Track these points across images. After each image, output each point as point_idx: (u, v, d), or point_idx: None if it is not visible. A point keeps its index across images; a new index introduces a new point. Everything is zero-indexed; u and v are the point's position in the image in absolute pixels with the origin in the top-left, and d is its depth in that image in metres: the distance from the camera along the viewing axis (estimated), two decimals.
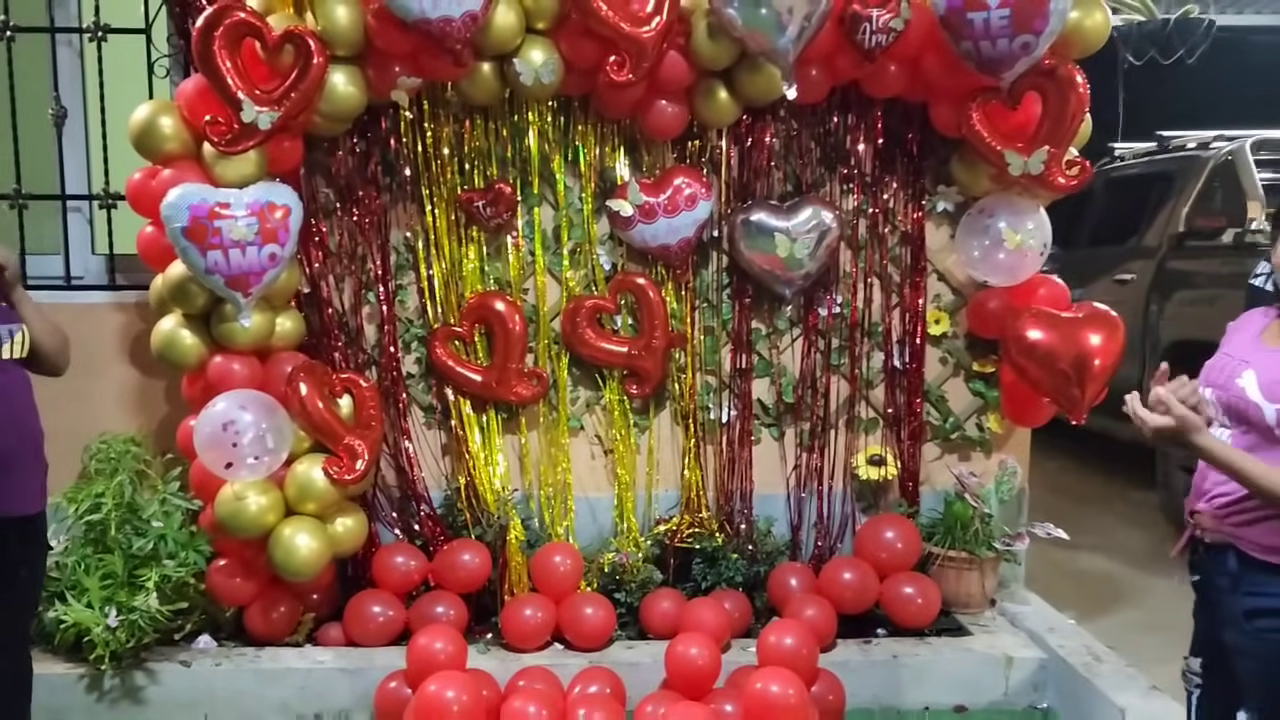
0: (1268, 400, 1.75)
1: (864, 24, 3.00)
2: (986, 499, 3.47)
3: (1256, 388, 1.77)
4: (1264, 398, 1.75)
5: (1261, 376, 1.77)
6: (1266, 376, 1.76)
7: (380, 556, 3.37)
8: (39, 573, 2.62)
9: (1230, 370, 1.85)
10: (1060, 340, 3.15)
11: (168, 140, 3.06)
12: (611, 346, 3.47)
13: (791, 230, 3.34)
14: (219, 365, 3.14)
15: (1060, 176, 3.10)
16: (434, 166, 3.41)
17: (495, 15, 2.99)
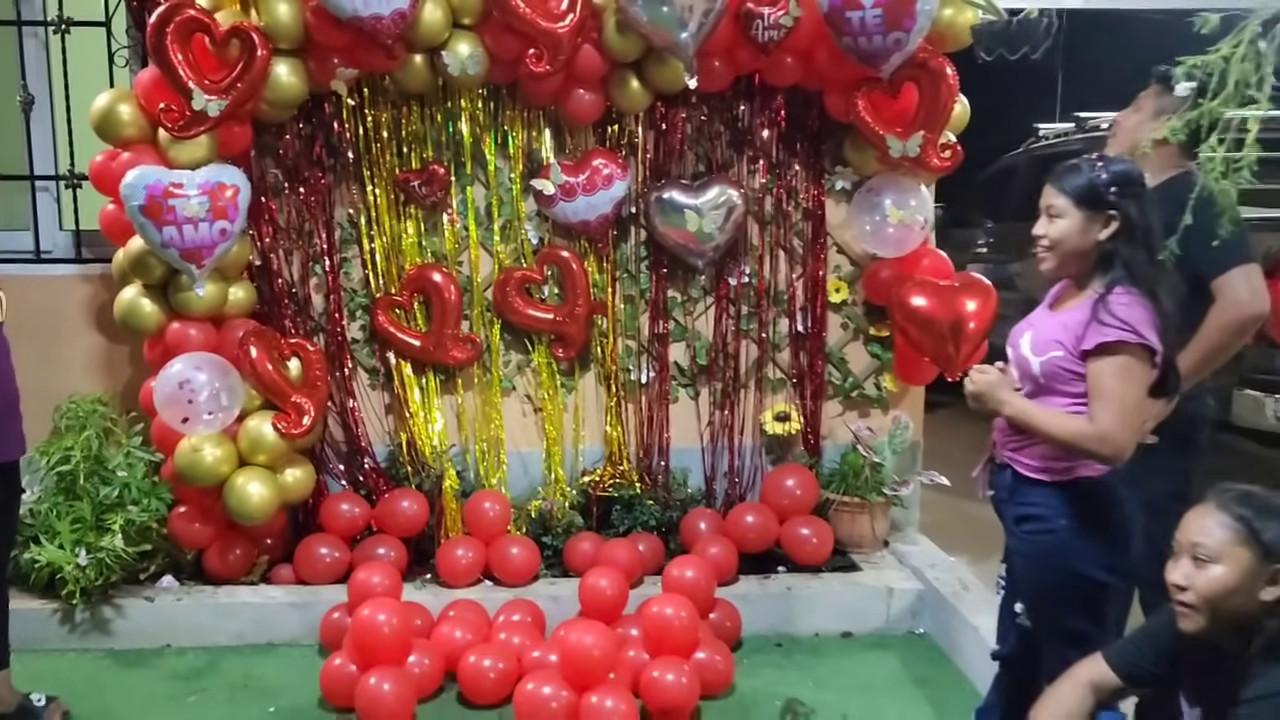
0: (1034, 355, 2.10)
1: (757, 20, 3.33)
2: (880, 450, 3.83)
3: (1029, 345, 2.13)
4: (1032, 353, 2.11)
5: (1036, 335, 2.13)
6: (1040, 335, 2.11)
7: (327, 504, 3.70)
8: (15, 515, 2.95)
9: (1018, 333, 2.21)
10: (939, 306, 3.52)
11: (126, 126, 3.35)
12: (539, 314, 3.80)
13: (701, 207, 3.68)
14: (176, 331, 3.44)
15: (935, 158, 3.45)
16: (374, 149, 3.72)
17: (423, 12, 3.30)
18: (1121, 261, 2.01)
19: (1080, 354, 2.00)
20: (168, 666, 3.29)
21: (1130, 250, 2.02)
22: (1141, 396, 1.99)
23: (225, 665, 3.29)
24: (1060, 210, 2.07)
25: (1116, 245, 2.03)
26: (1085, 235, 2.05)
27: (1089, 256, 2.06)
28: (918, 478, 3.88)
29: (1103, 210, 2.03)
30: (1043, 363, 2.07)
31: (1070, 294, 2.13)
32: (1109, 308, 1.96)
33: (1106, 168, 2.06)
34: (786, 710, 2.99)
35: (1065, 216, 2.06)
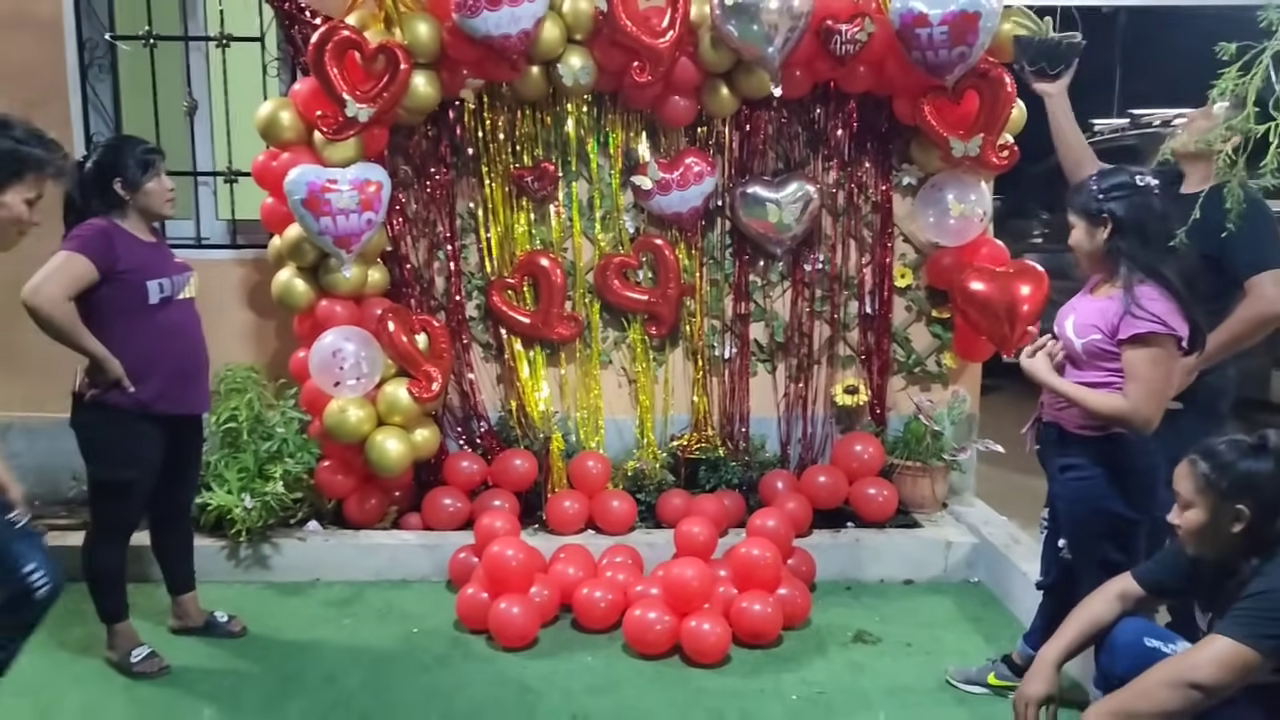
0: (1077, 336, 2.54)
1: (835, 36, 3.76)
2: (940, 420, 4.25)
3: (1072, 328, 2.56)
4: (1075, 335, 2.54)
5: (1077, 319, 2.56)
6: (1080, 319, 2.55)
7: (449, 461, 4.22)
8: (201, 461, 3.50)
9: (1063, 318, 2.63)
10: (996, 290, 3.92)
11: (286, 130, 3.88)
12: (634, 295, 4.27)
13: (781, 200, 4.11)
14: (325, 308, 3.97)
15: (994, 158, 3.85)
16: (491, 148, 4.21)
17: (543, 30, 3.78)
18: (1124, 255, 2.44)
19: (1116, 341, 2.42)
20: (320, 596, 3.83)
21: (1127, 244, 2.45)
22: (1169, 378, 2.42)
23: (368, 596, 3.82)
24: (1072, 223, 2.52)
25: (1114, 242, 2.45)
26: (1092, 239, 2.49)
27: (1102, 256, 2.49)
28: (974, 445, 4.29)
29: (1098, 216, 2.46)
30: (1084, 344, 2.50)
31: (1103, 283, 2.56)
32: (1139, 302, 2.38)
33: (1099, 179, 2.48)
34: (857, 638, 3.44)
35: (1075, 227, 2.51)
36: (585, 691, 3.08)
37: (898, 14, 3.67)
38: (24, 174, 2.32)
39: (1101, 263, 2.51)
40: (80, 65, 4.25)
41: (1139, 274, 2.41)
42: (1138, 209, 2.44)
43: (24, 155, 2.31)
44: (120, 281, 3.00)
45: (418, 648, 3.39)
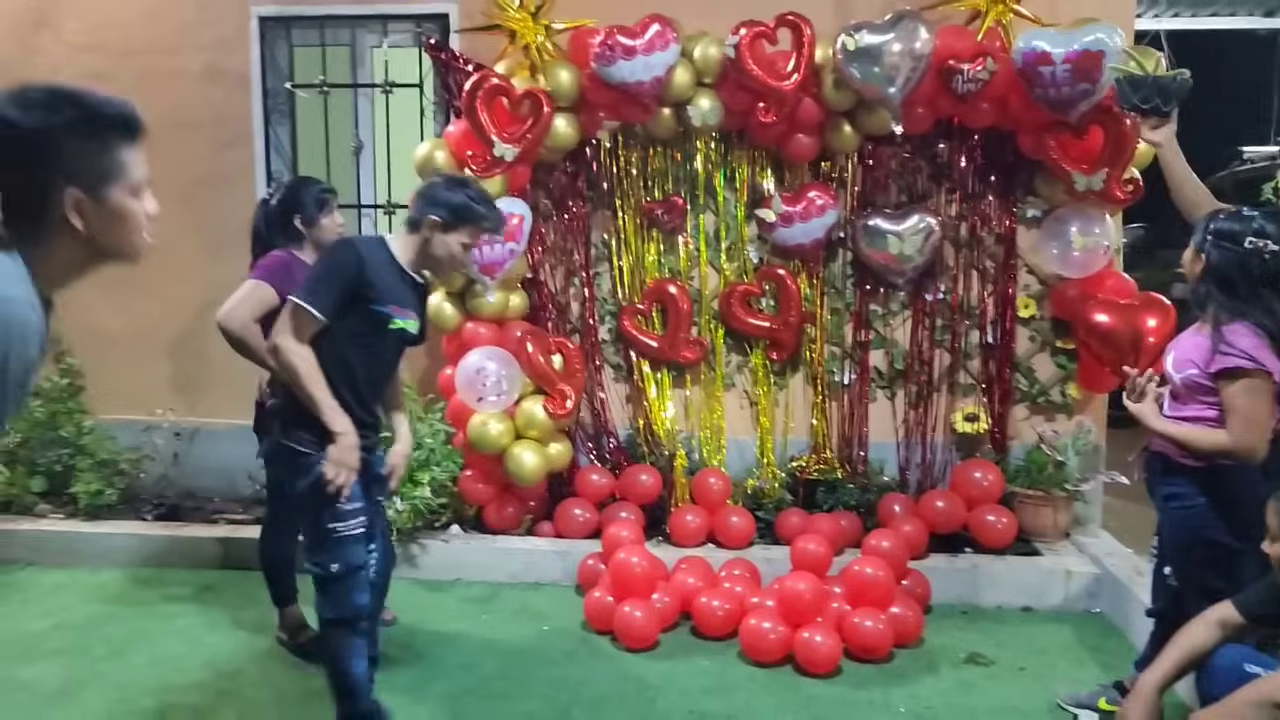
0: (1175, 371, 2.61)
1: (957, 75, 3.89)
2: (1063, 450, 4.27)
3: (1171, 363, 2.63)
4: (1174, 370, 2.62)
5: (1176, 355, 2.63)
6: (1180, 355, 2.62)
7: (580, 474, 4.51)
8: None
9: (1166, 352, 2.71)
10: (1121, 322, 3.95)
11: (440, 167, 4.27)
12: (757, 322, 4.47)
13: (902, 232, 4.25)
14: (470, 329, 4.33)
15: (1118, 192, 3.89)
16: (625, 184, 4.51)
17: (675, 75, 4.05)
18: (1206, 294, 2.50)
19: (1210, 375, 2.49)
20: (460, 594, 4.16)
21: (1214, 289, 2.50)
22: (1267, 408, 2.47)
23: (503, 596, 4.13)
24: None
25: (1204, 283, 2.51)
26: (1191, 268, 2.56)
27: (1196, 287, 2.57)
28: (1099, 476, 4.28)
29: (1198, 250, 2.53)
30: (1182, 378, 2.58)
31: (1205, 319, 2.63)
32: (1226, 339, 2.45)
33: (1223, 220, 2.55)
34: (969, 659, 3.52)
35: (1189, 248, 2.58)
36: (701, 692, 3.28)
37: (1020, 53, 3.78)
38: (467, 224, 2.75)
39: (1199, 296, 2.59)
40: (264, 112, 4.77)
41: (1225, 315, 2.48)
42: (1231, 267, 2.51)
43: (472, 210, 2.75)
44: None
45: (548, 644, 3.67)
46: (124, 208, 1.54)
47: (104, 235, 1.53)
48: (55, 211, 1.48)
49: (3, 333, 1.41)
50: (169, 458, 4.86)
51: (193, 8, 4.72)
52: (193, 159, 4.79)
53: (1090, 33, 3.68)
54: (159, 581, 4.20)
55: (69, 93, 1.48)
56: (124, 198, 1.54)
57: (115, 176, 1.53)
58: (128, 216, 1.55)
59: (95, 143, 1.51)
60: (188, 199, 4.79)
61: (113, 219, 1.53)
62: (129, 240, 1.57)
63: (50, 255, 1.51)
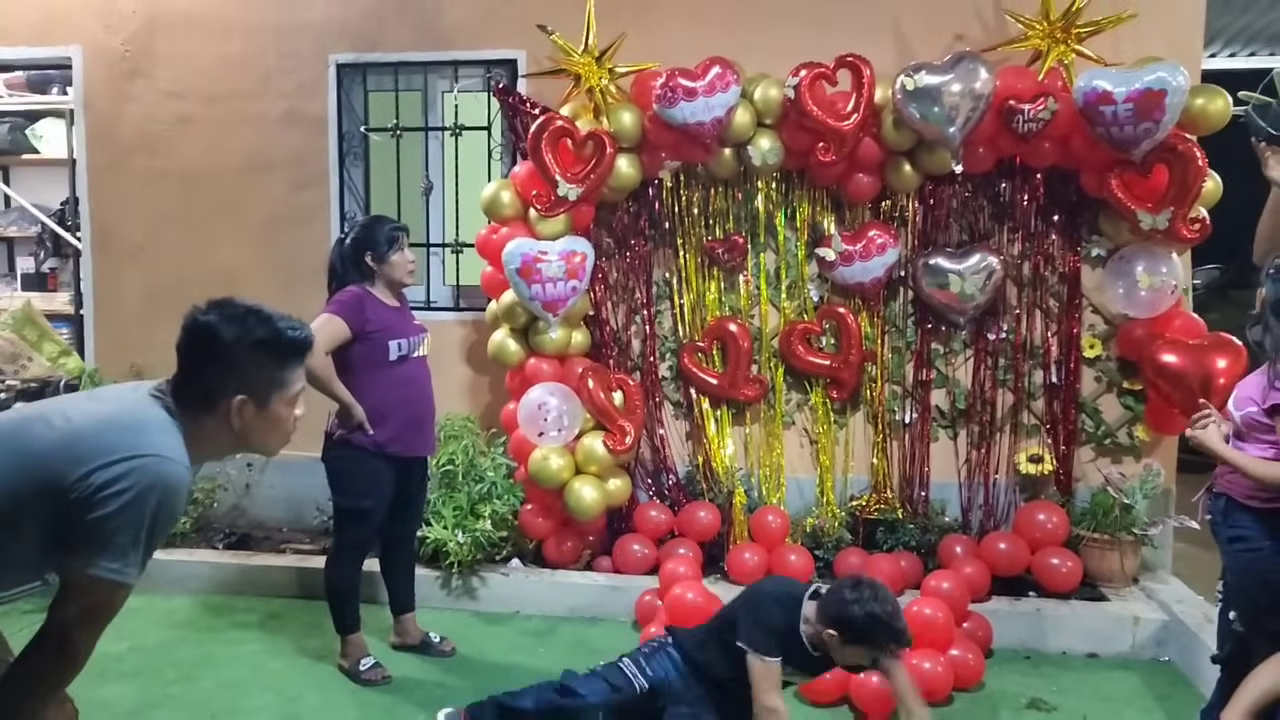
0: (1236, 409, 2.57)
1: (1018, 115, 3.89)
2: (1131, 493, 4.18)
3: (1233, 402, 2.59)
4: (1235, 408, 2.58)
5: (1239, 393, 2.59)
6: (1241, 393, 2.58)
7: (639, 510, 4.54)
8: (425, 497, 3.97)
9: (1232, 392, 2.67)
10: (1190, 363, 3.87)
11: (506, 208, 4.39)
12: (817, 360, 4.48)
13: (964, 271, 4.24)
14: (533, 365, 4.42)
15: (1185, 231, 3.84)
16: (686, 222, 4.58)
17: (735, 116, 4.12)
18: (1265, 329, 2.46)
19: (1266, 410, 2.44)
20: (519, 626, 4.20)
21: (1267, 321, 2.46)
22: None
23: (561, 630, 4.16)
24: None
25: (1262, 316, 2.48)
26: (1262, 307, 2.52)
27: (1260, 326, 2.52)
28: (1169, 521, 4.18)
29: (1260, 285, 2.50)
30: (1242, 416, 2.54)
31: None
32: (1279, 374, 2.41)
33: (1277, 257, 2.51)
34: (1031, 704, 3.45)
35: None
36: None
37: (1082, 92, 3.77)
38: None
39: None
40: (339, 154, 4.96)
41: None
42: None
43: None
44: (368, 340, 3.52)
45: None
46: (279, 416, 1.84)
47: (253, 434, 1.83)
48: (222, 407, 1.78)
49: (163, 487, 1.69)
50: (241, 488, 5.01)
51: (274, 56, 4.95)
52: (271, 199, 4.99)
53: (1152, 71, 3.66)
54: (228, 609, 4.32)
55: (264, 315, 1.81)
56: (281, 407, 1.84)
57: (280, 389, 1.82)
58: (280, 423, 1.85)
59: (275, 361, 1.81)
60: (266, 237, 5.00)
61: (267, 423, 1.82)
62: (273, 441, 1.88)
63: (203, 437, 1.80)
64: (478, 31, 4.75)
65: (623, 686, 2.82)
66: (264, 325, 1.78)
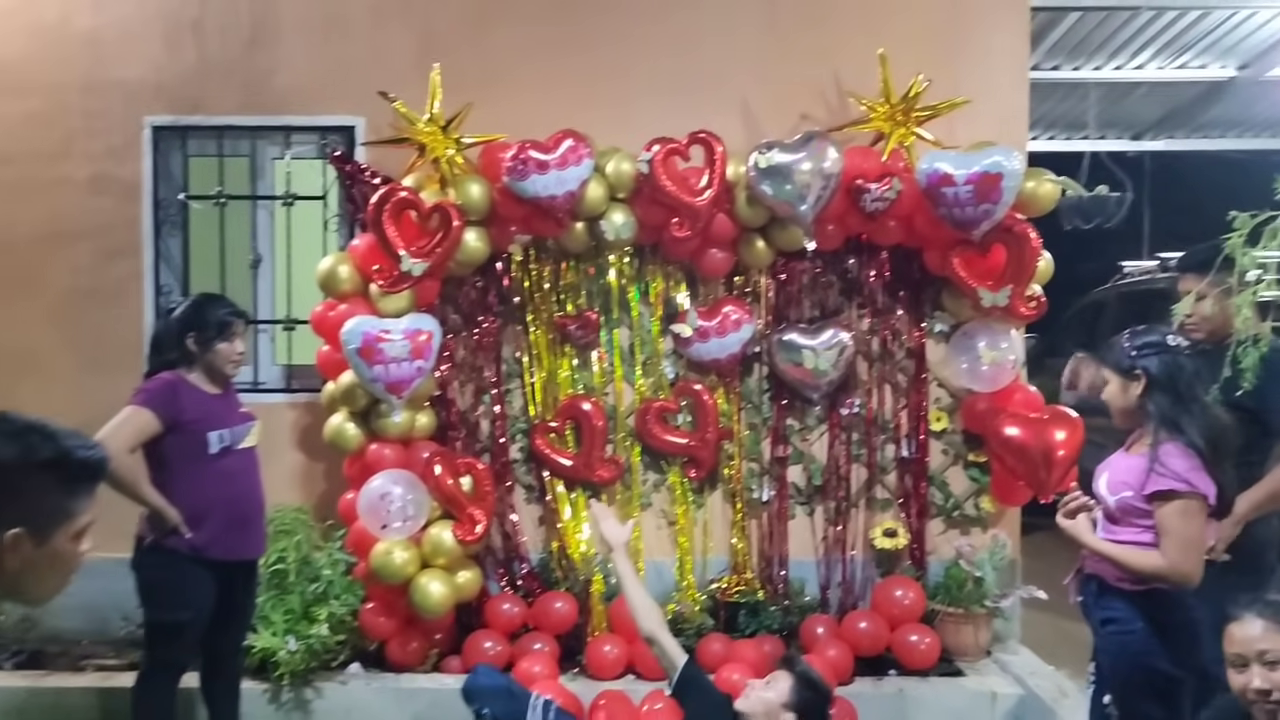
0: (1110, 493, 2.59)
1: (865, 194, 3.95)
2: (980, 565, 4.23)
3: (1105, 485, 2.61)
4: (1108, 492, 2.60)
5: (1111, 477, 2.62)
6: (1113, 477, 2.61)
7: (490, 603, 4.26)
8: (254, 603, 3.58)
9: (1100, 471, 2.70)
10: (1031, 436, 3.97)
11: (344, 282, 4.10)
12: (674, 439, 4.37)
13: (817, 347, 4.23)
14: (374, 451, 4.10)
15: (1022, 308, 3.97)
16: (537, 298, 4.41)
17: (588, 190, 4.01)
18: (1156, 412, 2.50)
19: (1144, 497, 2.47)
20: None
21: (1159, 402, 2.51)
22: (1201, 531, 2.45)
23: None
24: (1106, 378, 2.60)
25: (1147, 399, 2.52)
26: (1125, 395, 2.56)
27: (1136, 412, 2.56)
28: (1017, 592, 4.25)
29: (1131, 372, 2.54)
30: (1116, 501, 2.55)
31: (1138, 440, 2.62)
32: (1162, 460, 2.44)
33: (1133, 338, 2.57)
34: None
35: (1110, 383, 2.59)
36: None
37: (924, 174, 3.87)
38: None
39: (1134, 417, 2.58)
40: (155, 223, 4.54)
41: (1164, 431, 2.47)
42: (1169, 367, 2.52)
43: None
44: (183, 432, 3.16)
45: None
46: (61, 553, 1.50)
47: (26, 576, 1.48)
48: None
49: None
50: None
51: (79, 116, 4.51)
52: (73, 270, 4.51)
53: (989, 155, 3.80)
54: None
55: (48, 431, 1.47)
56: (65, 543, 1.50)
57: (66, 521, 1.49)
58: (62, 562, 1.51)
59: (61, 487, 1.49)
60: (67, 313, 4.51)
61: (45, 561, 1.48)
62: (50, 585, 1.53)
63: None
64: (312, 96, 4.49)
65: None
66: (49, 444, 1.45)
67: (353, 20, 4.50)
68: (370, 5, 4.49)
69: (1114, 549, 2.51)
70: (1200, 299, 2.99)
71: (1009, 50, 4.48)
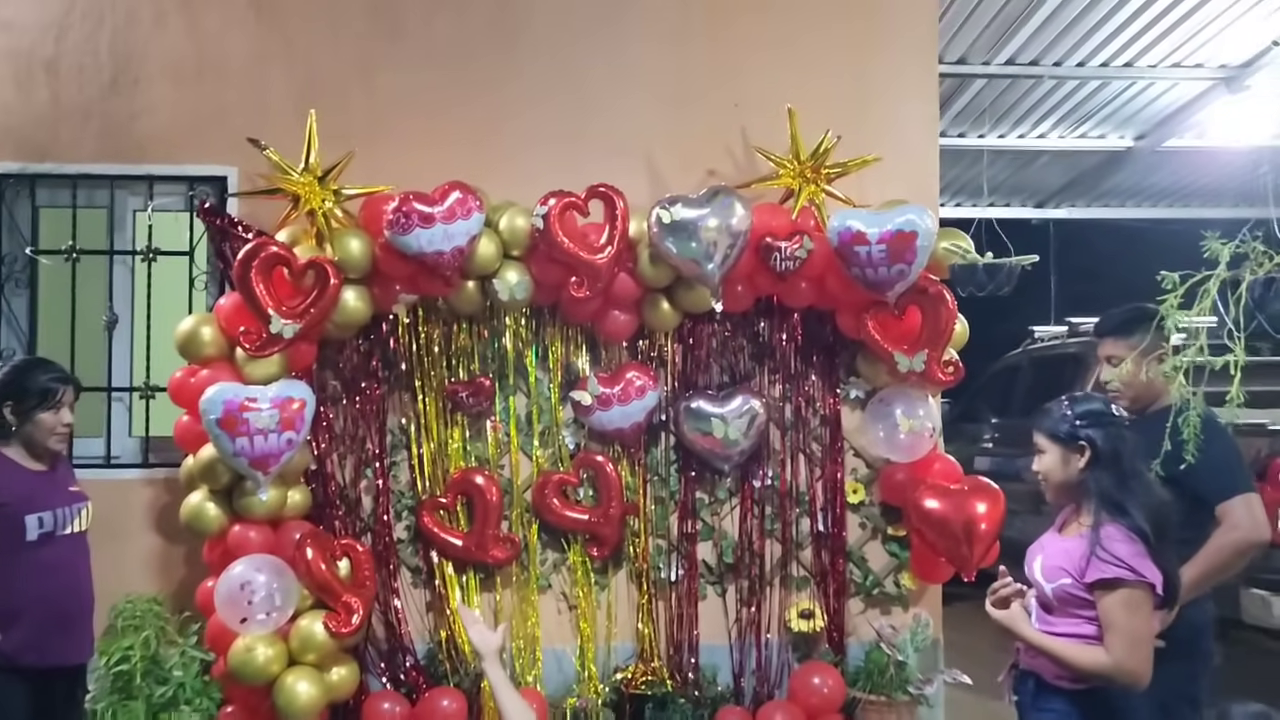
0: (1046, 580, 2.34)
1: (775, 253, 3.74)
2: (903, 648, 3.96)
3: (1040, 570, 2.37)
4: (1044, 579, 2.35)
5: (1046, 561, 2.37)
6: (1049, 561, 2.36)
7: (369, 702, 3.82)
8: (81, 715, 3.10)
9: (1032, 554, 2.45)
10: (952, 509, 3.75)
11: (207, 346, 3.70)
12: (575, 514, 4.03)
13: (726, 415, 3.97)
14: (237, 533, 3.67)
15: (939, 374, 3.78)
16: (425, 362, 4.06)
17: (478, 246, 3.71)
18: (1097, 489, 2.28)
19: (1085, 585, 2.23)
20: None
21: (1102, 477, 2.29)
22: (1149, 624, 2.21)
23: None
24: (1042, 447, 2.36)
25: (1090, 474, 2.30)
26: (1065, 468, 2.33)
27: (1075, 487, 2.33)
28: (941, 676, 3.99)
29: (1073, 443, 2.31)
30: (1053, 589, 2.30)
31: (1073, 519, 2.38)
32: (1104, 544, 2.21)
33: (1073, 405, 2.36)
34: None
35: (1046, 452, 2.35)
36: None
37: (836, 232, 3.67)
38: None
39: (1072, 493, 2.35)
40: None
41: (1105, 512, 2.24)
42: (1114, 440, 2.31)
43: None
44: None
45: None
46: None
47: None
48: None
49: None
50: None
51: None
52: None
53: (903, 213, 3.62)
54: None
55: None
56: None
57: None
58: None
59: None
60: None
61: None
62: None
63: None
64: (179, 144, 4.12)
65: None
66: None
67: (228, 63, 4.16)
68: (248, 47, 4.16)
69: (1055, 644, 2.26)
70: (1119, 364, 2.81)
71: (919, 113, 4.35)
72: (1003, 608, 2.34)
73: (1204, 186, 9.41)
